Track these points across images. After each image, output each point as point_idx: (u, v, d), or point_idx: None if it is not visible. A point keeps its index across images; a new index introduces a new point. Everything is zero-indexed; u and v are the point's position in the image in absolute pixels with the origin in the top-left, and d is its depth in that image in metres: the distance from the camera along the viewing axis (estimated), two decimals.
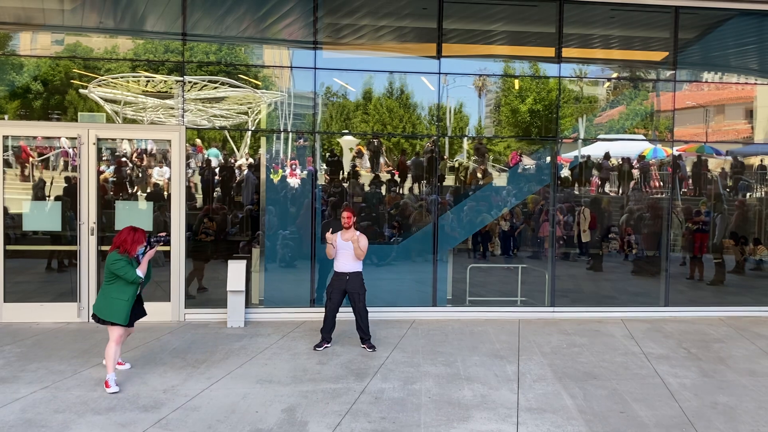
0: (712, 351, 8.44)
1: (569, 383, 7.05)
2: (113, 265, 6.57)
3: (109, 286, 6.66)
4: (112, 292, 6.63)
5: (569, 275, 11.19)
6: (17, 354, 7.69)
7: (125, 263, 6.59)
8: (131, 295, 6.70)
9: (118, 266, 6.55)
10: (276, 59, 10.71)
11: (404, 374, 7.24)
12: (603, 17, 10.48)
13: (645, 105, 11.99)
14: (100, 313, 6.63)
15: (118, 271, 6.55)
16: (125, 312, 6.65)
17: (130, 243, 6.65)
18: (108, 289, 6.65)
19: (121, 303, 6.61)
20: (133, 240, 6.68)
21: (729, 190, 12.56)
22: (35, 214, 9.57)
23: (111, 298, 6.61)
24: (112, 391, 6.46)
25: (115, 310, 6.59)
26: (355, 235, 8.15)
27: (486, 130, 13.32)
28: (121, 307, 6.61)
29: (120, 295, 6.62)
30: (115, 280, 6.63)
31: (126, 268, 6.57)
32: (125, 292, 6.65)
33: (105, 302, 6.63)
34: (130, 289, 6.69)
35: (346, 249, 8.16)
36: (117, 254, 6.61)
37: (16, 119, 9.89)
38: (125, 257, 6.61)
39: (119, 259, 6.58)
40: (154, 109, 10.57)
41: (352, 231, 8.20)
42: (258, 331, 8.97)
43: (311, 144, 10.45)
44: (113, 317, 6.60)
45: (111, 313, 6.59)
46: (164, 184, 10.20)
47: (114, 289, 6.63)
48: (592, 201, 12.25)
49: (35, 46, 10.06)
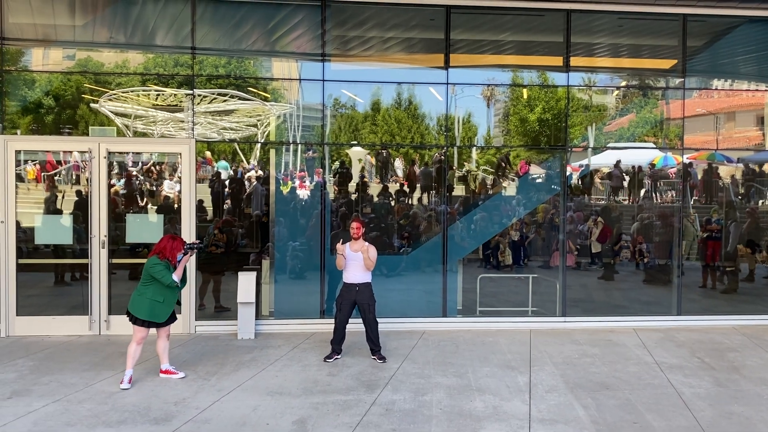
0: (726, 360, 8.35)
1: (581, 394, 6.99)
2: (152, 268, 7.06)
3: (145, 287, 7.13)
4: (148, 294, 7.10)
5: (580, 284, 11.13)
6: (30, 367, 7.72)
7: (163, 267, 7.08)
8: (167, 297, 7.19)
9: (157, 269, 7.05)
10: (285, 72, 10.77)
11: (415, 385, 7.20)
12: (611, 26, 10.47)
13: (655, 113, 11.94)
14: (137, 312, 7.07)
15: (156, 274, 7.04)
16: (163, 312, 7.18)
17: (169, 250, 7.18)
18: (144, 290, 7.13)
19: (157, 304, 7.10)
20: (172, 247, 7.21)
21: (741, 198, 12.46)
22: (47, 227, 9.64)
23: (147, 299, 7.08)
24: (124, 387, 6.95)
25: (152, 310, 7.09)
26: (364, 246, 8.15)
27: (495, 140, 13.31)
28: (158, 307, 7.11)
29: (157, 297, 7.11)
30: (152, 282, 7.11)
31: (164, 272, 7.05)
32: (162, 294, 7.13)
33: (141, 302, 7.09)
34: (167, 292, 7.17)
35: (355, 260, 8.15)
36: (157, 259, 7.14)
37: (28, 134, 9.98)
38: (165, 262, 7.13)
39: (158, 263, 7.09)
40: (164, 122, 10.64)
41: (361, 242, 8.19)
42: (268, 343, 8.97)
43: (320, 155, 10.48)
44: (151, 317, 7.09)
45: (148, 313, 7.07)
46: (175, 196, 10.26)
47: (150, 290, 7.11)
48: (602, 210, 12.19)
49: (47, 61, 10.17)
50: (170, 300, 7.26)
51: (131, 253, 9.78)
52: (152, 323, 7.18)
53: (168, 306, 7.24)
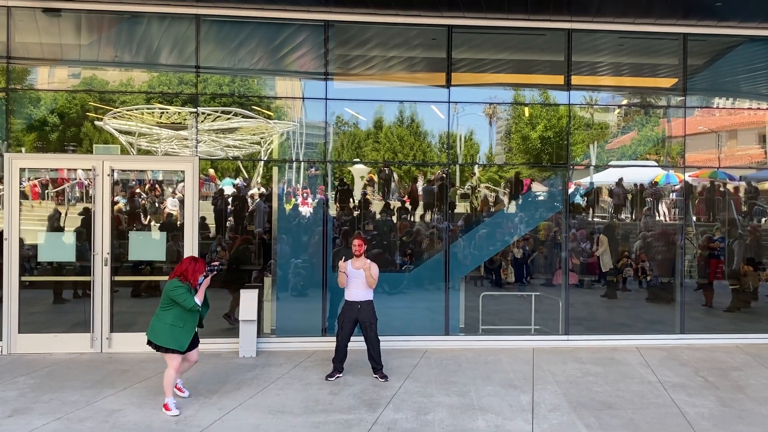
0: (729, 379, 8.30)
1: (584, 413, 6.95)
2: (173, 291, 6.72)
3: (164, 312, 6.80)
4: (168, 318, 6.76)
5: (583, 302, 11.09)
6: (31, 385, 7.71)
7: (185, 290, 6.75)
8: (189, 322, 6.86)
9: (178, 293, 6.71)
10: (288, 90, 10.85)
11: (417, 404, 7.17)
12: (612, 45, 10.55)
13: (656, 131, 11.98)
14: (157, 339, 6.75)
15: (178, 298, 6.70)
16: (183, 339, 6.79)
17: (191, 272, 6.85)
18: (164, 315, 6.79)
19: (177, 329, 6.76)
20: (194, 269, 6.89)
21: (744, 216, 12.45)
22: (50, 244, 9.66)
23: (167, 324, 6.74)
24: (173, 414, 6.65)
25: (173, 336, 6.74)
26: (366, 263, 8.15)
27: (497, 158, 13.35)
28: (178, 333, 6.76)
29: (178, 322, 6.77)
30: (172, 306, 6.77)
31: (186, 296, 6.72)
32: (182, 319, 6.79)
33: (161, 328, 6.75)
34: (188, 317, 6.84)
35: (357, 277, 8.15)
36: (178, 281, 6.79)
37: (32, 151, 10.04)
38: (186, 285, 6.79)
39: (180, 286, 6.75)
40: (168, 140, 10.70)
41: (363, 259, 8.20)
42: (270, 361, 8.94)
43: (323, 173, 10.52)
44: (171, 344, 6.73)
45: (169, 340, 6.73)
46: (177, 214, 10.29)
47: (170, 315, 6.77)
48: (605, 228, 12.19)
49: (52, 79, 10.26)
50: (191, 325, 6.90)
51: (133, 271, 9.80)
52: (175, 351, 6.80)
53: (188, 332, 6.87)
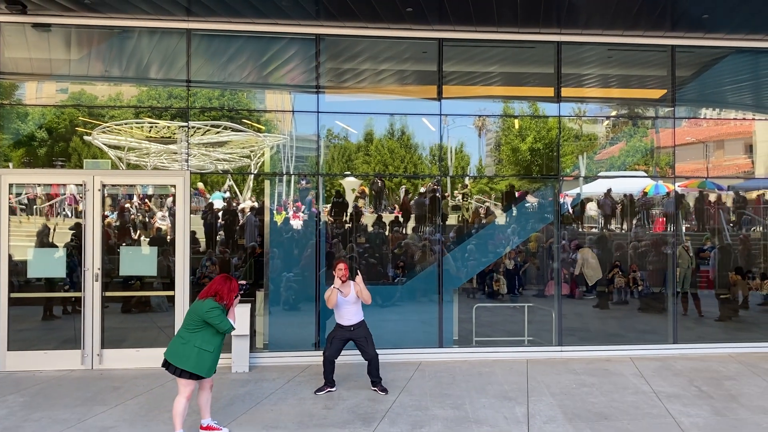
0: (723, 389, 8.32)
1: (580, 424, 6.93)
2: (209, 313, 6.21)
3: (192, 334, 6.25)
4: (196, 341, 6.22)
5: (576, 313, 11.10)
6: (21, 403, 7.59)
7: (221, 312, 6.28)
8: (217, 346, 6.36)
9: (214, 314, 6.21)
10: (278, 104, 10.85)
11: (412, 418, 7.13)
12: (600, 57, 10.64)
13: (645, 141, 12.07)
14: (185, 364, 6.17)
15: (214, 320, 6.21)
16: (210, 364, 6.31)
17: (227, 292, 6.38)
18: (191, 338, 6.23)
19: (206, 354, 6.24)
20: (230, 289, 6.41)
21: (732, 225, 12.55)
22: (40, 260, 9.56)
23: (194, 348, 6.20)
24: None
25: (200, 360, 6.21)
26: (357, 288, 8.07)
27: (487, 169, 13.39)
28: (206, 358, 6.24)
29: (206, 345, 6.24)
30: (202, 329, 6.26)
31: (222, 317, 6.25)
32: (211, 342, 6.29)
33: (186, 351, 6.20)
34: (217, 340, 6.36)
35: (347, 303, 8.08)
36: (214, 302, 6.29)
37: (20, 167, 9.96)
38: (222, 306, 6.33)
39: (216, 307, 6.26)
40: (158, 154, 10.66)
41: (348, 284, 8.11)
42: (263, 376, 8.87)
43: (314, 186, 10.50)
44: (197, 369, 6.20)
45: (195, 365, 6.19)
46: (167, 228, 10.22)
47: (199, 338, 6.23)
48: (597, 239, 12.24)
49: (41, 94, 10.19)
50: (218, 349, 6.38)
51: (124, 286, 9.71)
52: (198, 376, 6.30)
53: (216, 357, 6.36)
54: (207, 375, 6.33)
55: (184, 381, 6.25)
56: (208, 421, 6.66)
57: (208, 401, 6.66)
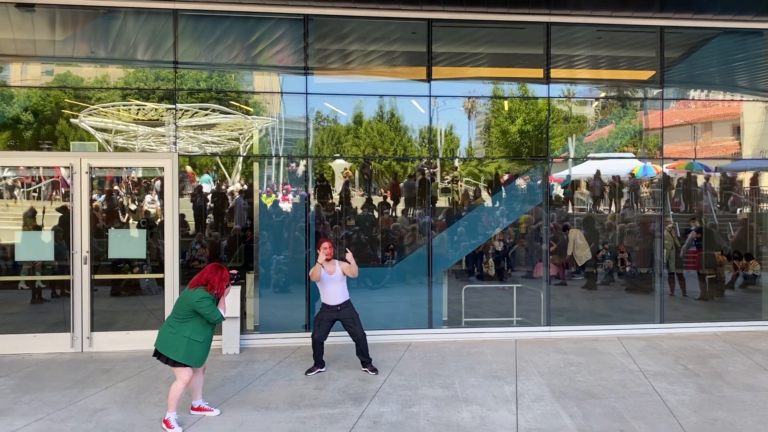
0: (709, 367, 8.44)
1: (568, 402, 7.02)
2: (199, 303, 6.14)
3: (181, 324, 6.19)
4: (186, 331, 6.17)
5: (564, 294, 11.20)
6: (11, 386, 7.59)
7: (212, 302, 6.23)
8: (208, 336, 6.33)
9: (205, 305, 6.15)
10: (267, 85, 10.77)
11: (402, 397, 7.19)
12: (590, 38, 10.63)
13: (633, 123, 12.11)
14: (175, 354, 6.15)
15: (204, 310, 6.15)
16: (201, 354, 6.29)
17: (218, 282, 6.31)
18: (181, 328, 6.18)
19: (196, 344, 6.20)
20: (221, 278, 6.33)
21: (720, 206, 12.66)
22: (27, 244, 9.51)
23: (185, 338, 6.15)
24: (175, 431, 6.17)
25: (191, 352, 6.19)
26: (343, 265, 8.08)
27: (477, 151, 13.39)
28: (196, 348, 6.22)
29: (196, 335, 6.20)
30: (191, 318, 6.21)
31: (212, 308, 6.19)
32: (202, 333, 6.25)
33: (176, 341, 6.15)
34: (207, 330, 6.32)
35: (332, 281, 8.07)
36: (204, 291, 6.22)
37: (6, 149, 9.87)
38: (212, 296, 6.27)
39: (207, 297, 6.20)
40: (145, 136, 10.58)
41: (333, 262, 8.12)
42: (254, 358, 8.90)
43: (303, 168, 10.47)
44: (187, 359, 6.19)
45: (187, 355, 6.17)
46: (157, 211, 10.19)
47: (189, 328, 6.18)
48: (584, 220, 12.31)
49: (25, 76, 10.07)
50: (209, 339, 6.36)
51: (113, 269, 9.69)
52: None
53: (207, 347, 6.34)
54: (197, 365, 6.33)
55: (179, 369, 6.25)
56: (199, 402, 6.71)
57: (201, 383, 6.71)
